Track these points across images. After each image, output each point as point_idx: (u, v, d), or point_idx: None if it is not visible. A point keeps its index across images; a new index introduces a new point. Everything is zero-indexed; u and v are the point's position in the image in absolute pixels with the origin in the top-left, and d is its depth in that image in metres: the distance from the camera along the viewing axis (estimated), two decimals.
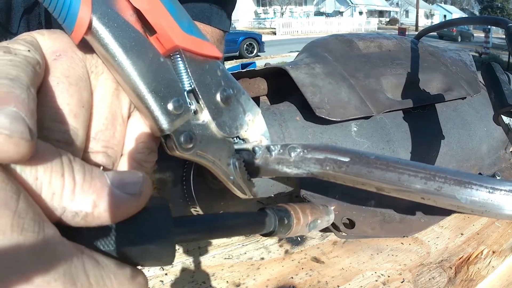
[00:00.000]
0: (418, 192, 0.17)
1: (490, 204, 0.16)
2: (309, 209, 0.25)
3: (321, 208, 0.27)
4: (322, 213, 0.26)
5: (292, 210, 0.23)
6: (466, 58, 0.42)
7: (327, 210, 0.27)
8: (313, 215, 0.25)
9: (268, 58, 4.80)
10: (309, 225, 0.24)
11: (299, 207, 0.24)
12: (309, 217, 0.24)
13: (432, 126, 0.36)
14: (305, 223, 0.23)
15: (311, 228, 0.25)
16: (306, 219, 0.24)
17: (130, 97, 0.18)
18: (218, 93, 0.20)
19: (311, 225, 0.25)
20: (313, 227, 0.25)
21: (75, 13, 0.15)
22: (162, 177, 0.22)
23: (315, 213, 0.25)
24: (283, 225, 0.22)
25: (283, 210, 0.22)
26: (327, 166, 0.19)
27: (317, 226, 0.26)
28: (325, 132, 0.31)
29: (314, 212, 0.25)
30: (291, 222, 0.22)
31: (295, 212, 0.23)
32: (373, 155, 0.18)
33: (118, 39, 0.16)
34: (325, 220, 0.27)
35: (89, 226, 0.13)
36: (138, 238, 0.13)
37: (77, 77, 0.16)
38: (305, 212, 0.24)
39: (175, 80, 0.18)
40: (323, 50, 0.37)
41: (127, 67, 0.17)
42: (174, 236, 0.14)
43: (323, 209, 0.27)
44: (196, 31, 0.19)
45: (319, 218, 0.26)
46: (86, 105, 0.16)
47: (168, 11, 0.18)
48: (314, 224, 0.25)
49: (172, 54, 0.19)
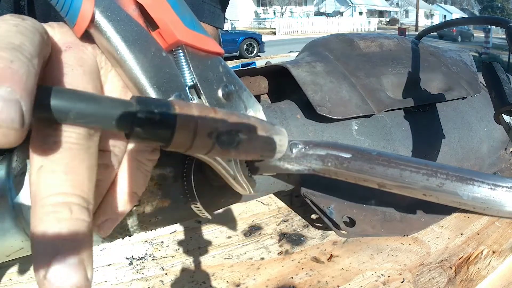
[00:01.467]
0: (420, 189, 0.17)
1: (492, 201, 0.16)
2: (223, 114, 0.15)
3: (253, 120, 0.16)
4: (254, 125, 0.16)
5: (176, 106, 0.14)
6: (467, 58, 0.42)
7: (271, 127, 0.17)
8: (225, 123, 0.15)
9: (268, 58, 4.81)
10: (217, 136, 0.15)
11: (201, 107, 0.15)
12: (216, 124, 0.15)
13: (433, 126, 0.36)
14: (204, 132, 0.14)
15: (224, 144, 0.15)
16: (207, 124, 0.14)
17: (132, 91, 0.18)
18: (220, 89, 0.20)
19: (222, 138, 0.15)
20: (229, 143, 0.15)
21: (78, 7, 0.15)
22: (163, 172, 0.22)
23: (231, 121, 0.15)
24: (151, 123, 0.13)
25: (163, 103, 0.14)
26: (329, 162, 0.19)
27: (240, 145, 0.16)
28: (326, 130, 0.31)
29: (232, 120, 0.15)
30: (169, 121, 0.14)
31: (183, 108, 0.14)
32: (375, 152, 0.18)
33: (121, 33, 0.16)
34: (259, 138, 0.16)
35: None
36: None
37: (91, 67, 0.16)
38: (211, 112, 0.15)
39: (177, 75, 0.18)
40: (324, 49, 0.37)
41: (129, 61, 0.17)
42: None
43: (257, 122, 0.17)
44: (199, 27, 0.19)
45: (241, 131, 0.15)
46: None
47: (171, 6, 0.18)
48: (229, 137, 0.15)
49: (174, 49, 0.19)
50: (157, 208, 0.22)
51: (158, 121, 0.13)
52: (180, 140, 0.14)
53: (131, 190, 0.18)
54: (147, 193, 0.22)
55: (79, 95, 0.13)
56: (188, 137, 0.14)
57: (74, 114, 0.12)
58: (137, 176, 0.18)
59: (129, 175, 0.17)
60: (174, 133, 0.14)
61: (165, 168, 0.22)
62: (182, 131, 0.14)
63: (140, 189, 0.18)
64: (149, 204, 0.22)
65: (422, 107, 0.36)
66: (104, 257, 0.37)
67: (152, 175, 0.22)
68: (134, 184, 0.18)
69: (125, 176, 0.17)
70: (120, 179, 0.17)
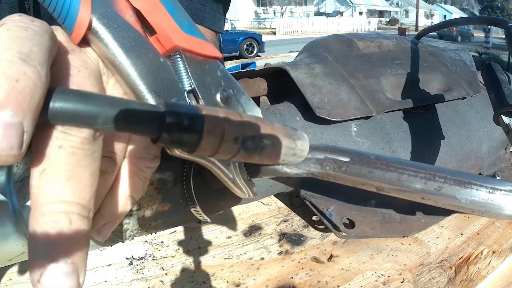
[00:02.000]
0: (418, 192, 0.17)
1: (490, 204, 0.16)
2: (249, 119, 0.15)
3: (277, 126, 0.17)
4: (278, 130, 0.16)
5: (204, 111, 0.14)
6: (466, 58, 0.42)
7: (293, 132, 0.17)
8: (251, 128, 0.15)
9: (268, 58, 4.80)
10: (243, 141, 0.15)
11: (228, 112, 0.15)
12: (243, 130, 0.15)
13: (432, 126, 0.36)
14: (231, 137, 0.14)
15: (249, 149, 0.15)
16: (233, 130, 0.14)
17: (130, 97, 0.18)
18: (218, 93, 0.20)
19: (247, 143, 0.15)
20: (253, 148, 0.15)
21: (75, 14, 0.15)
22: (162, 177, 0.22)
23: (256, 127, 0.15)
24: (179, 128, 0.13)
25: (191, 108, 0.14)
26: (327, 166, 0.19)
27: (264, 150, 0.16)
28: (325, 132, 0.31)
29: (257, 125, 0.15)
30: (196, 127, 0.13)
31: (211, 113, 0.14)
32: (373, 155, 0.18)
33: (118, 40, 0.16)
34: (283, 143, 0.16)
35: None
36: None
37: (95, 71, 0.16)
38: (237, 117, 0.15)
39: (175, 80, 0.18)
40: (323, 50, 0.37)
41: (127, 67, 0.17)
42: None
43: (281, 127, 0.17)
44: (196, 32, 0.19)
45: (266, 137, 0.15)
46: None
47: (168, 11, 0.18)
48: (254, 142, 0.15)
49: (172, 54, 0.19)
50: (157, 212, 0.22)
51: (186, 126, 0.13)
52: (207, 146, 0.14)
53: (129, 195, 0.18)
54: (147, 197, 0.22)
55: (106, 99, 0.12)
56: (215, 142, 0.14)
57: (103, 119, 0.12)
58: (136, 182, 0.18)
59: (127, 181, 0.18)
60: (201, 139, 0.13)
61: (165, 172, 0.22)
62: (210, 137, 0.14)
63: (137, 194, 0.18)
64: (149, 208, 0.22)
65: (421, 108, 0.36)
66: (104, 257, 0.37)
67: (152, 180, 0.22)
68: (132, 190, 0.18)
69: (124, 181, 0.18)
70: (119, 184, 0.18)
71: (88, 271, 0.35)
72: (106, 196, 0.17)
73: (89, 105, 0.12)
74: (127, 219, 0.22)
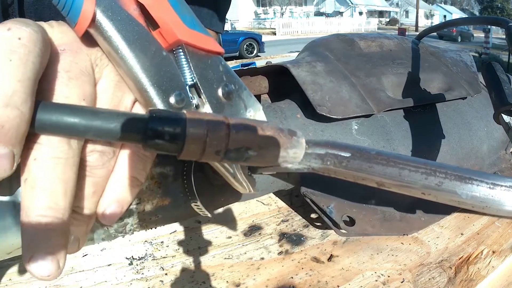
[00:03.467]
0: (419, 188, 0.17)
1: (490, 200, 0.16)
2: (235, 132, 0.15)
3: (269, 134, 0.16)
4: (268, 140, 0.16)
5: (188, 122, 0.14)
6: (467, 58, 0.42)
7: (287, 140, 0.17)
8: (234, 142, 0.14)
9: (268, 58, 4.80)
10: (225, 153, 0.15)
11: (214, 123, 0.14)
12: (226, 143, 0.14)
13: (433, 125, 0.36)
14: (212, 150, 0.14)
15: (232, 159, 0.15)
16: (215, 144, 0.14)
17: (132, 90, 0.18)
18: (220, 88, 0.20)
19: (230, 155, 0.15)
20: (237, 159, 0.15)
21: (79, 6, 0.16)
22: (163, 171, 0.22)
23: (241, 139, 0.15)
24: (161, 137, 0.14)
25: (174, 119, 0.14)
26: (328, 161, 0.19)
27: (249, 160, 0.15)
28: (325, 130, 0.31)
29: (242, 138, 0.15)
30: (178, 137, 0.14)
31: (194, 123, 0.14)
32: (374, 151, 0.18)
33: (122, 33, 0.17)
34: (271, 152, 0.16)
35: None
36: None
37: (79, 71, 0.16)
38: (217, 129, 0.14)
39: (177, 74, 0.18)
40: (325, 49, 0.37)
41: (130, 60, 0.17)
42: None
43: (273, 136, 0.16)
44: (199, 26, 0.20)
45: (252, 147, 0.15)
46: (87, 98, 0.16)
47: (171, 5, 0.18)
48: (238, 154, 0.15)
49: (174, 48, 0.19)
50: (157, 206, 0.22)
51: (168, 138, 0.14)
52: (190, 154, 0.15)
53: (131, 175, 0.18)
54: (147, 191, 0.22)
55: (88, 111, 0.14)
56: (197, 151, 0.15)
57: (93, 132, 0.14)
58: (136, 161, 0.18)
59: (127, 161, 0.18)
60: (183, 149, 0.15)
61: (166, 167, 0.22)
62: (191, 146, 0.15)
63: (140, 174, 0.19)
64: (149, 202, 0.22)
65: (422, 107, 0.36)
66: (104, 257, 0.37)
67: (153, 174, 0.22)
68: (133, 170, 0.18)
69: (124, 162, 0.18)
70: (119, 166, 0.18)
71: (88, 271, 0.35)
72: (110, 179, 0.18)
73: (74, 118, 0.14)
74: (127, 213, 0.22)
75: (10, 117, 0.13)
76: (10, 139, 0.13)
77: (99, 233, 0.21)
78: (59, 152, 0.15)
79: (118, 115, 0.15)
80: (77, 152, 0.16)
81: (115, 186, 0.18)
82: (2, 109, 0.13)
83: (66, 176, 0.16)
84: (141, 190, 0.21)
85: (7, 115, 0.13)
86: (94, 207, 0.18)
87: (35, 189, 0.15)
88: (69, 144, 0.15)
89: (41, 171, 0.15)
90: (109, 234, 0.22)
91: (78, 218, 0.17)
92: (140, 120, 0.15)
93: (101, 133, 0.14)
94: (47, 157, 0.15)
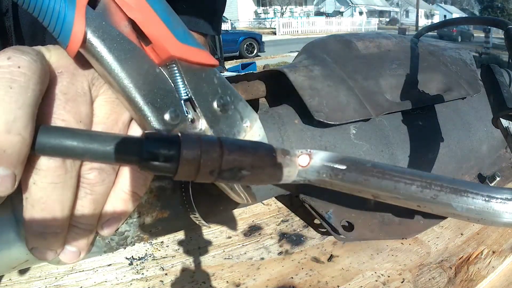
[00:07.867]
0: (414, 200, 0.17)
1: (486, 212, 0.16)
2: (228, 153, 0.15)
3: (263, 154, 0.16)
4: (261, 161, 0.16)
5: (183, 145, 0.15)
6: (466, 56, 0.42)
7: (282, 159, 0.17)
8: (228, 162, 0.15)
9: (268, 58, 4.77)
10: (219, 173, 0.15)
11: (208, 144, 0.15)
12: (219, 164, 0.15)
13: (432, 127, 0.35)
14: (207, 170, 0.15)
15: (226, 179, 0.15)
16: (209, 164, 0.15)
17: (127, 108, 0.18)
18: (215, 101, 0.20)
19: (224, 174, 0.15)
20: (231, 178, 0.15)
21: (69, 27, 0.15)
22: (161, 184, 0.22)
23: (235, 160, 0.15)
24: (156, 160, 0.14)
25: (168, 141, 0.15)
26: (324, 174, 0.19)
27: (243, 179, 0.16)
28: (323, 135, 0.31)
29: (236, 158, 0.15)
30: (172, 160, 0.14)
31: (188, 146, 0.14)
32: (370, 163, 0.18)
33: (113, 52, 0.17)
34: (265, 172, 0.16)
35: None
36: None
37: (75, 93, 0.17)
38: (210, 151, 0.15)
39: (171, 90, 0.18)
40: (322, 52, 0.37)
41: (123, 79, 0.17)
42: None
43: (267, 156, 0.16)
44: (191, 40, 0.19)
45: (245, 167, 0.15)
46: (84, 120, 0.16)
47: (163, 21, 0.18)
48: (232, 173, 0.15)
49: (168, 63, 0.19)
50: (157, 219, 0.23)
51: (163, 159, 0.15)
52: (184, 174, 0.15)
53: (131, 190, 0.19)
54: (147, 205, 0.22)
55: (94, 135, 0.15)
56: (191, 172, 0.15)
57: (90, 154, 0.15)
58: (136, 177, 0.19)
59: (128, 177, 0.18)
60: (177, 172, 0.15)
61: (164, 180, 0.22)
62: (185, 168, 0.15)
63: (140, 189, 0.19)
64: (149, 215, 0.22)
65: (420, 109, 0.36)
66: (104, 257, 0.37)
67: (151, 187, 0.22)
68: (134, 185, 0.19)
69: (125, 178, 0.18)
70: (120, 181, 0.18)
71: (88, 271, 0.35)
72: (110, 193, 0.18)
73: (72, 141, 0.15)
74: (128, 226, 0.22)
75: (13, 142, 0.14)
76: (12, 162, 0.14)
77: (100, 246, 0.21)
78: (56, 177, 0.16)
79: (114, 138, 0.15)
80: (74, 174, 0.17)
81: (115, 200, 0.18)
82: (5, 135, 0.14)
83: (63, 197, 0.17)
84: (141, 203, 0.22)
85: (9, 140, 0.14)
86: (95, 221, 0.19)
87: (35, 208, 0.16)
88: (66, 168, 0.16)
89: (39, 193, 0.16)
90: (111, 247, 0.22)
91: (79, 232, 0.18)
92: (135, 143, 0.15)
93: (98, 156, 0.15)
94: (45, 181, 0.16)
